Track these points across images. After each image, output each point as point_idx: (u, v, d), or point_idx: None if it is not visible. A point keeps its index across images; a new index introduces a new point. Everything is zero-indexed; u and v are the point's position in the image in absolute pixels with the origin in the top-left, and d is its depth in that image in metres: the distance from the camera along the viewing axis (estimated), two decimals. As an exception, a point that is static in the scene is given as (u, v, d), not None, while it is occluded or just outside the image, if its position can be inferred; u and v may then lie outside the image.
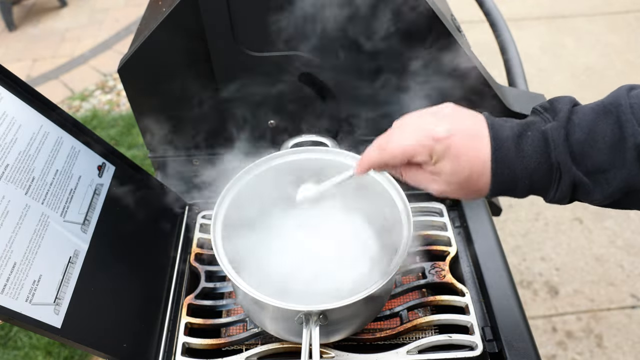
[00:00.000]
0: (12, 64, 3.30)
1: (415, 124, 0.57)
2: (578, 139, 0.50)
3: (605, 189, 0.50)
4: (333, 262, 0.79)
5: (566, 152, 0.50)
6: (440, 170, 0.55)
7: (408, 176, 0.60)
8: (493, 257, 0.83)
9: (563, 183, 0.51)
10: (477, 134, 0.54)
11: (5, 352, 1.75)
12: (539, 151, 0.52)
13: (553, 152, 0.51)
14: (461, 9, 1.87)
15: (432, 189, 0.58)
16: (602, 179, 0.50)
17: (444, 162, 0.55)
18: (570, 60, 3.05)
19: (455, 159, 0.54)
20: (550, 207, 2.22)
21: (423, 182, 0.59)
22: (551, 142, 0.51)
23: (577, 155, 0.50)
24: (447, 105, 0.58)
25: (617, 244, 2.06)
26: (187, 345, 0.76)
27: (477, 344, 0.72)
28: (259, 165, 0.79)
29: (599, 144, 0.49)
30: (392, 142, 0.58)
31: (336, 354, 0.72)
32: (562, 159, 0.50)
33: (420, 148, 0.55)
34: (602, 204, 0.53)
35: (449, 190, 0.57)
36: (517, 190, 0.54)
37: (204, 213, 0.93)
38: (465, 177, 0.54)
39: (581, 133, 0.50)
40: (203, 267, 0.84)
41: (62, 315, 0.63)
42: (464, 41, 0.88)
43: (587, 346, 1.76)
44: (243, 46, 0.84)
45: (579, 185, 0.51)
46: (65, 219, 0.69)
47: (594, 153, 0.49)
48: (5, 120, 0.65)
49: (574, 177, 0.51)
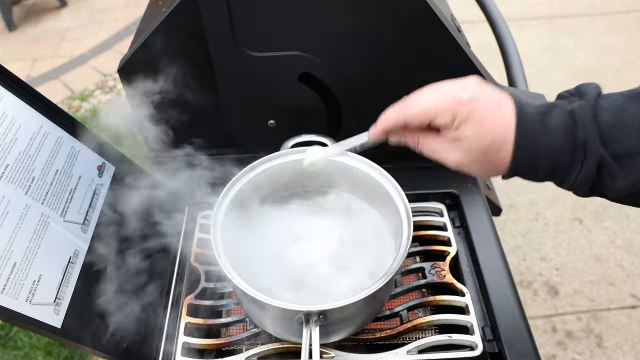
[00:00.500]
0: (12, 64, 3.30)
1: (439, 88, 0.55)
2: (606, 121, 0.48)
3: (633, 174, 0.48)
4: (333, 262, 0.79)
5: (595, 130, 0.48)
6: (461, 136, 0.53)
7: (425, 143, 0.57)
8: (493, 257, 0.83)
9: (587, 164, 0.49)
10: (502, 103, 0.52)
11: (5, 352, 1.75)
12: (564, 129, 0.49)
13: (580, 130, 0.49)
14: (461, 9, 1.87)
15: (451, 158, 0.55)
16: (631, 163, 0.48)
17: (466, 126, 0.52)
18: (570, 60, 3.05)
19: (478, 123, 0.52)
20: (550, 207, 2.22)
21: (441, 151, 0.56)
22: (579, 121, 0.49)
23: (606, 136, 0.48)
24: (472, 77, 0.56)
25: (617, 244, 2.06)
26: (187, 345, 0.75)
27: (477, 344, 0.72)
28: (259, 165, 0.79)
29: (628, 128, 0.47)
30: (413, 102, 0.55)
31: (336, 354, 0.72)
32: (589, 138, 0.48)
33: (443, 109, 0.53)
34: (623, 194, 0.50)
35: (467, 161, 0.54)
36: (538, 169, 0.52)
37: (204, 213, 0.93)
38: (487, 144, 0.52)
39: (609, 116, 0.48)
40: (203, 267, 0.84)
41: (62, 315, 0.63)
42: (464, 41, 0.88)
43: (587, 346, 1.76)
44: (243, 46, 0.84)
45: (603, 167, 0.49)
46: (65, 219, 0.69)
47: (623, 136, 0.48)
48: (5, 120, 0.65)
49: (600, 157, 0.48)
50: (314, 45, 0.85)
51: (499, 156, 0.52)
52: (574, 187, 0.51)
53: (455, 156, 0.55)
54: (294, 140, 0.85)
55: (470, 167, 0.55)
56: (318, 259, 0.80)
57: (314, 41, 0.84)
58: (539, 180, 0.54)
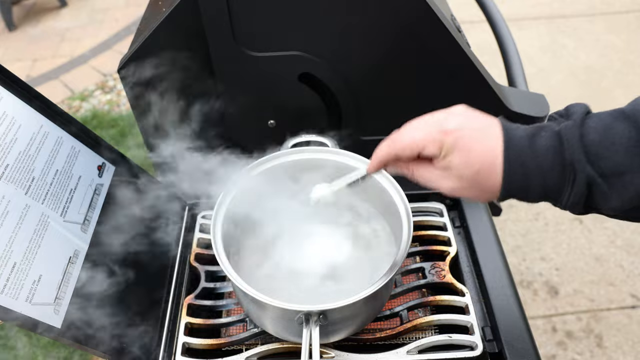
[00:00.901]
0: (12, 64, 3.30)
1: (426, 119, 0.57)
2: (593, 140, 0.49)
3: (623, 193, 0.48)
4: (333, 262, 0.79)
5: (580, 150, 0.49)
6: (449, 164, 0.55)
7: (419, 173, 0.59)
8: (493, 257, 0.83)
9: (577, 184, 0.50)
10: (489, 130, 0.54)
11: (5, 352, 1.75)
12: (552, 151, 0.50)
13: (567, 150, 0.49)
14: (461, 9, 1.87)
15: (443, 186, 0.57)
16: (619, 182, 0.48)
17: (453, 155, 0.54)
18: (570, 60, 3.05)
19: (465, 152, 0.54)
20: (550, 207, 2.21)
21: (434, 180, 0.58)
22: (565, 141, 0.50)
23: (592, 155, 0.49)
24: (459, 106, 0.58)
25: (617, 244, 2.06)
26: (187, 345, 0.76)
27: (477, 344, 0.72)
28: (259, 165, 0.79)
29: (615, 146, 0.48)
30: (402, 135, 0.58)
31: (336, 354, 0.72)
32: (576, 157, 0.49)
33: (430, 141, 0.55)
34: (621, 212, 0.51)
35: (459, 188, 0.56)
36: (530, 191, 0.53)
37: (204, 213, 0.93)
38: (475, 171, 0.53)
39: (596, 134, 0.49)
40: (203, 267, 0.84)
41: (62, 315, 0.63)
42: (464, 41, 0.88)
43: (587, 346, 1.76)
44: (243, 46, 0.84)
45: (594, 187, 0.49)
46: (65, 219, 0.69)
47: (610, 154, 0.48)
48: (5, 120, 0.65)
49: (588, 176, 0.49)
50: (314, 45, 0.85)
51: (489, 180, 0.54)
52: (567, 207, 0.52)
53: (448, 184, 0.57)
54: (294, 140, 0.85)
55: (464, 193, 0.57)
56: (318, 259, 0.80)
57: (314, 41, 0.84)
58: (533, 201, 0.55)
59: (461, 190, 0.56)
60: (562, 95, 2.65)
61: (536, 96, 0.94)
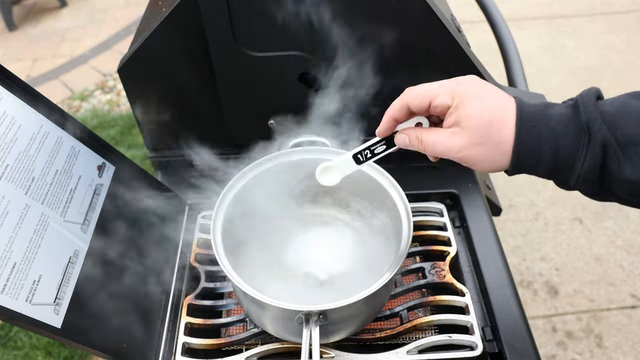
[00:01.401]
0: (12, 64, 3.30)
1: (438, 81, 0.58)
2: (609, 111, 0.49)
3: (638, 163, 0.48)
4: (333, 262, 0.79)
5: (597, 112, 0.49)
6: (460, 115, 0.53)
7: (428, 138, 0.57)
8: (493, 257, 0.83)
9: (593, 145, 0.49)
10: (501, 92, 0.54)
11: (5, 352, 1.75)
12: (566, 116, 0.50)
13: (582, 113, 0.49)
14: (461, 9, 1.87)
15: (455, 145, 0.55)
16: (633, 151, 0.48)
17: (466, 103, 0.53)
18: (570, 60, 3.05)
19: (477, 100, 0.53)
20: (550, 207, 2.22)
21: (443, 141, 0.55)
22: (580, 106, 0.50)
23: (607, 123, 0.48)
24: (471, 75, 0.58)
25: (617, 244, 2.06)
26: (187, 345, 0.76)
27: (477, 344, 0.72)
28: (259, 165, 0.79)
29: (631, 119, 0.48)
30: (414, 87, 0.58)
31: (336, 354, 0.72)
32: (592, 117, 0.49)
33: (443, 89, 0.55)
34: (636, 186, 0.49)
35: (470, 144, 0.53)
36: (542, 157, 0.51)
37: (204, 213, 0.93)
38: (487, 121, 0.52)
39: (612, 107, 0.49)
40: (203, 267, 0.84)
41: (62, 315, 0.63)
42: (464, 41, 0.88)
43: (587, 346, 1.76)
44: (243, 46, 0.84)
45: (609, 150, 0.48)
46: (65, 219, 0.69)
47: (625, 125, 0.48)
48: (5, 120, 0.65)
49: (604, 137, 0.48)
50: (314, 45, 0.85)
51: (501, 134, 0.52)
52: (581, 175, 0.50)
53: (458, 141, 0.54)
54: (294, 140, 0.85)
55: (474, 152, 0.54)
56: (318, 259, 0.80)
57: (314, 41, 0.84)
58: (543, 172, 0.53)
59: (472, 147, 0.54)
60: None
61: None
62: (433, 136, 0.57)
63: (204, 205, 0.94)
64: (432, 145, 0.57)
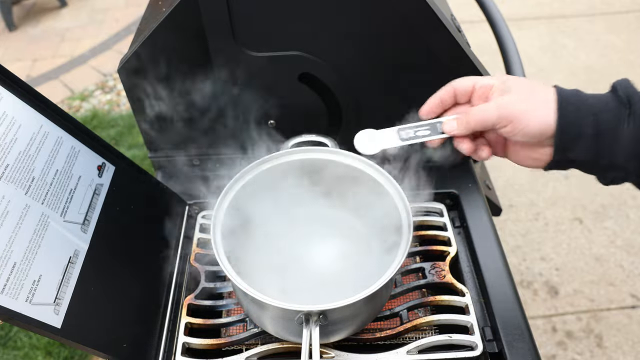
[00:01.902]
0: (12, 64, 3.31)
1: None
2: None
3: None
4: (333, 262, 0.79)
5: (636, 90, 0.53)
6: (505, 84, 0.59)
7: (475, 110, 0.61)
8: (493, 257, 0.83)
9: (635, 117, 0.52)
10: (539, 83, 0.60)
11: (5, 352, 1.75)
12: (604, 96, 0.54)
13: (621, 91, 0.53)
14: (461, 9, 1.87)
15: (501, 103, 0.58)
16: None
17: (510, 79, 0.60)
18: (570, 60, 3.05)
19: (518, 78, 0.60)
20: (550, 207, 2.22)
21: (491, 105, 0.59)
22: (618, 85, 0.54)
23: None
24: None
25: (617, 244, 2.06)
26: (187, 345, 0.76)
27: (477, 344, 0.72)
28: (259, 165, 0.79)
29: None
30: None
31: (336, 354, 0.72)
32: (631, 92, 0.52)
33: (487, 77, 0.63)
34: None
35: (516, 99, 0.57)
36: (582, 130, 0.54)
37: (204, 213, 0.93)
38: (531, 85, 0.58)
39: None
40: (203, 267, 0.84)
41: (62, 315, 0.63)
42: (464, 41, 0.88)
43: (587, 346, 1.76)
44: (243, 46, 0.84)
45: None
46: (65, 219, 0.69)
47: None
48: (5, 120, 0.65)
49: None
50: (314, 45, 0.85)
51: (546, 95, 0.56)
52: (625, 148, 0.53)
53: (505, 99, 0.58)
54: (294, 140, 0.85)
55: (521, 105, 0.57)
56: (318, 259, 0.80)
57: (314, 41, 0.84)
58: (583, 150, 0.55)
59: (519, 102, 0.57)
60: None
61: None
62: (479, 107, 0.60)
63: (204, 205, 0.94)
64: (481, 113, 0.60)
